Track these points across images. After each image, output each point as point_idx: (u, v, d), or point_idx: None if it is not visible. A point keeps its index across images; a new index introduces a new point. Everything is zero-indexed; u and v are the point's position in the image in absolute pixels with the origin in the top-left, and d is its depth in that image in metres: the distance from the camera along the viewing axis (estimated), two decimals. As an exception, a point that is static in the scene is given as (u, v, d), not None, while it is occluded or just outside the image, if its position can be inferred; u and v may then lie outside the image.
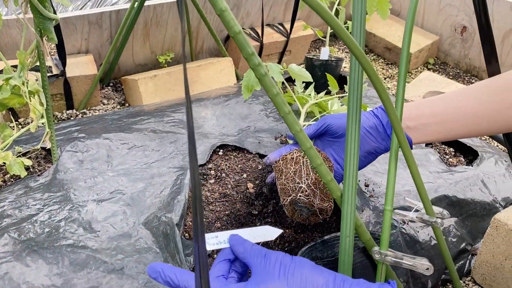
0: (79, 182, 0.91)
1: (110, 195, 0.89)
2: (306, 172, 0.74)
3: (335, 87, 1.14)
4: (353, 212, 0.58)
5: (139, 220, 0.84)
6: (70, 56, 1.32)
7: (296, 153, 0.78)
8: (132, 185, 0.92)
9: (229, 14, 0.49)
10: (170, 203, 0.88)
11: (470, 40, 1.73)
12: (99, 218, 0.83)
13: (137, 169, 0.96)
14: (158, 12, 1.38)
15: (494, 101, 0.70)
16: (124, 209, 0.86)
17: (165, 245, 0.79)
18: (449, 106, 0.74)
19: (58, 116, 1.31)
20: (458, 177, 1.02)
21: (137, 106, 1.29)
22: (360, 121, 0.58)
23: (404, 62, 0.62)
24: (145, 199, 0.89)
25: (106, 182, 0.92)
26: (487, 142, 1.32)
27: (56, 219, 0.82)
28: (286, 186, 0.75)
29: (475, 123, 0.72)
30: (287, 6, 1.67)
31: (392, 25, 1.88)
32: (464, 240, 0.93)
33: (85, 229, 0.81)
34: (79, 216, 0.83)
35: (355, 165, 0.58)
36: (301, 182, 0.73)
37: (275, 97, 0.55)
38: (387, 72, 1.78)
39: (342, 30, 0.47)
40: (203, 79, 1.40)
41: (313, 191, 0.73)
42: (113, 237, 0.80)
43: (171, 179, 0.94)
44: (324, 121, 0.81)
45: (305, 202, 0.73)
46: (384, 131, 0.77)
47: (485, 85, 0.73)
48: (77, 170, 0.94)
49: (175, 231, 0.80)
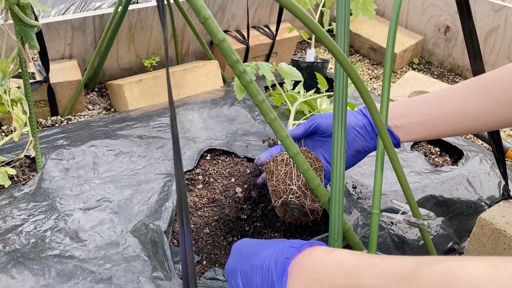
0: (65, 190, 0.90)
1: (97, 203, 0.88)
2: (297, 173, 0.75)
3: (324, 85, 1.15)
4: (341, 216, 0.58)
5: (127, 228, 0.83)
6: (54, 62, 1.30)
7: (286, 155, 0.78)
8: (119, 192, 0.91)
9: (213, 21, 0.48)
10: (158, 210, 0.87)
11: (453, 39, 1.75)
12: (86, 227, 0.82)
13: (124, 176, 0.95)
14: (142, 16, 1.37)
15: (477, 100, 0.71)
16: (111, 217, 0.85)
17: (154, 252, 0.79)
18: (434, 105, 0.75)
19: (43, 123, 1.29)
20: (444, 177, 1.03)
21: (123, 111, 1.28)
22: (345, 126, 0.58)
23: (389, 64, 0.63)
24: (132, 207, 0.88)
25: (93, 190, 0.91)
26: (472, 140, 1.34)
27: (42, 229, 0.81)
28: (277, 188, 0.76)
29: (459, 121, 0.73)
30: (272, 8, 1.68)
31: (376, 26, 1.90)
32: (451, 239, 0.94)
33: (71, 238, 0.79)
34: (66, 225, 0.82)
35: (341, 169, 0.59)
36: (292, 184, 0.74)
37: (261, 104, 0.54)
38: (373, 72, 1.79)
39: (326, 37, 0.48)
40: (189, 82, 1.39)
41: (303, 192, 0.74)
42: (101, 246, 0.79)
43: (158, 186, 0.93)
44: (313, 121, 0.82)
45: (296, 204, 0.74)
46: (373, 130, 0.77)
47: (469, 84, 0.74)
48: (62, 178, 0.92)
49: (163, 238, 0.80)
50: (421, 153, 1.16)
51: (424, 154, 1.16)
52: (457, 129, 0.75)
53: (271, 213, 0.92)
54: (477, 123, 0.73)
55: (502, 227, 0.84)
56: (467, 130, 0.75)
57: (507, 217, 0.86)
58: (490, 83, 0.71)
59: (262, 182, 0.90)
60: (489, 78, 0.72)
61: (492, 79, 0.72)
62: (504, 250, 0.84)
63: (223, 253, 0.85)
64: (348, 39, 0.60)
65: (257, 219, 0.90)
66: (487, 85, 0.71)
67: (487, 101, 0.71)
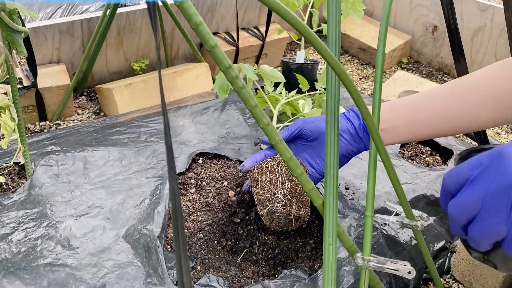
0: (56, 197, 0.89)
1: (88, 209, 0.87)
2: (282, 181, 0.74)
3: (306, 86, 1.15)
4: (335, 220, 0.58)
5: (119, 234, 0.82)
6: (42, 66, 1.29)
7: (270, 162, 0.77)
8: (111, 197, 0.90)
9: (205, 28, 0.48)
10: (150, 215, 0.87)
11: (441, 39, 1.77)
12: (77, 234, 0.81)
13: (115, 181, 0.95)
14: (131, 19, 1.36)
15: (459, 103, 0.72)
16: (103, 223, 0.84)
17: (147, 258, 0.78)
18: (418, 108, 0.75)
19: (31, 128, 1.27)
20: (435, 176, 1.04)
21: (113, 115, 1.27)
22: (338, 130, 0.58)
23: (380, 67, 0.63)
24: (124, 212, 0.87)
25: (84, 195, 0.90)
26: (461, 139, 1.35)
27: (32, 237, 0.79)
28: (262, 196, 0.75)
29: (443, 123, 0.74)
30: (262, 10, 1.67)
31: (365, 26, 1.91)
32: (443, 238, 0.95)
33: (63, 246, 0.79)
34: (57, 233, 0.81)
35: (335, 173, 0.59)
36: (277, 192, 0.73)
37: (254, 109, 0.54)
38: (362, 72, 1.80)
39: (318, 42, 0.48)
40: (180, 85, 1.39)
41: (289, 200, 0.74)
42: (93, 253, 0.78)
43: (150, 190, 0.93)
44: (296, 126, 0.81)
45: (282, 212, 0.74)
46: (356, 134, 0.77)
47: (453, 86, 0.74)
48: (52, 184, 0.91)
49: (157, 244, 0.79)
50: (412, 153, 1.17)
51: (415, 154, 1.17)
52: (442, 131, 0.75)
53: (264, 216, 0.92)
54: (458, 125, 0.73)
55: (493, 226, 0.85)
56: (452, 132, 0.76)
57: (498, 216, 0.86)
58: (475, 84, 0.72)
59: (247, 189, 0.90)
60: (474, 79, 0.72)
61: (477, 80, 0.72)
62: (495, 248, 0.85)
63: (217, 258, 0.85)
64: (339, 44, 0.60)
65: (250, 222, 0.90)
66: (472, 86, 0.72)
67: (471, 102, 0.71)
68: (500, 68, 0.70)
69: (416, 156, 1.17)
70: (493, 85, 0.69)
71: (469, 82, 0.73)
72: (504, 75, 0.69)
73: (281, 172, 0.75)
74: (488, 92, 0.69)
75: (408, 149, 1.18)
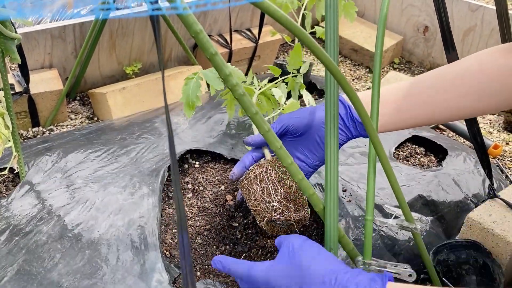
0: (47, 193, 0.88)
1: (80, 202, 0.86)
2: (274, 187, 0.72)
3: (277, 72, 1.10)
4: (336, 225, 0.58)
5: (114, 226, 0.82)
6: (34, 72, 1.27)
7: (258, 170, 0.75)
8: (103, 192, 0.89)
9: (205, 36, 0.48)
10: (148, 221, 0.86)
11: (432, 39, 1.78)
12: (70, 227, 0.80)
13: (110, 182, 0.94)
14: (123, 23, 1.35)
15: (449, 90, 0.71)
16: (96, 214, 0.84)
17: (142, 251, 0.78)
18: (405, 96, 0.74)
19: (24, 134, 1.26)
20: (430, 177, 1.04)
21: (107, 120, 1.26)
22: (337, 137, 0.58)
23: (377, 72, 0.63)
24: (122, 215, 0.87)
25: (77, 192, 0.89)
26: (454, 139, 1.36)
27: (26, 232, 0.79)
28: (258, 207, 0.73)
29: (431, 112, 0.73)
30: (254, 12, 1.67)
31: (357, 27, 1.92)
32: (440, 238, 0.96)
33: (56, 240, 0.78)
34: (48, 227, 0.80)
35: (335, 180, 0.59)
36: (272, 200, 0.71)
37: (254, 116, 0.54)
38: (355, 73, 1.81)
39: (317, 48, 0.48)
40: (174, 88, 1.38)
41: (285, 206, 0.72)
42: (87, 245, 0.77)
43: (146, 192, 0.92)
44: (281, 123, 0.79)
45: (281, 220, 0.72)
46: (344, 123, 0.76)
47: (441, 74, 0.74)
48: (44, 182, 0.90)
49: (156, 249, 0.79)
50: (406, 154, 1.18)
51: (410, 155, 1.18)
52: (429, 120, 0.75)
53: (262, 219, 0.92)
54: (448, 113, 0.73)
55: (489, 226, 0.86)
56: (438, 120, 0.76)
57: (494, 216, 0.87)
58: (461, 73, 0.72)
59: (241, 199, 0.89)
60: (462, 67, 0.72)
61: (464, 69, 0.72)
62: (492, 248, 0.86)
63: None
64: (337, 49, 0.60)
65: (248, 226, 0.90)
66: (460, 75, 0.72)
67: (457, 90, 0.71)
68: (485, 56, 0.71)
69: (411, 156, 1.18)
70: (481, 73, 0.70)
71: (458, 70, 0.72)
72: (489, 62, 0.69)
73: (270, 178, 0.73)
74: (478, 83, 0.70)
75: (402, 150, 1.19)
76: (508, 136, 1.42)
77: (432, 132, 1.25)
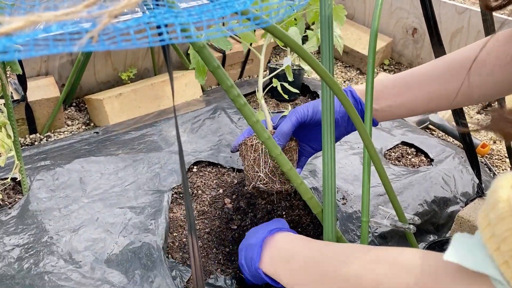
0: (54, 211, 0.89)
1: (87, 222, 0.88)
2: (264, 160, 0.78)
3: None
4: (334, 228, 0.61)
5: (121, 246, 0.84)
6: (30, 79, 1.28)
7: (255, 139, 0.80)
8: (109, 210, 0.91)
9: (208, 50, 0.51)
10: (151, 226, 0.88)
11: (421, 41, 1.83)
12: (79, 248, 0.82)
13: (112, 193, 0.96)
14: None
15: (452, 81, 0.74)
16: (104, 235, 0.86)
17: (151, 269, 0.80)
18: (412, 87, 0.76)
19: (21, 141, 1.27)
20: (421, 177, 1.08)
21: (104, 126, 1.27)
22: (334, 143, 0.61)
23: (370, 81, 0.66)
24: (125, 224, 0.89)
25: (82, 209, 0.91)
26: (443, 138, 1.40)
27: (33, 253, 0.80)
28: (248, 173, 0.80)
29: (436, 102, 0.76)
30: (246, 16, 1.70)
31: (347, 29, 1.95)
32: (431, 237, 0.99)
33: (66, 261, 0.80)
34: (58, 247, 0.82)
35: (333, 184, 0.62)
36: (260, 171, 0.77)
37: (255, 125, 0.57)
38: (346, 75, 1.84)
39: (318, 65, 0.50)
40: (169, 93, 1.40)
41: (271, 179, 0.77)
42: (96, 267, 0.79)
43: (148, 201, 0.94)
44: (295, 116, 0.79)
45: (264, 189, 0.78)
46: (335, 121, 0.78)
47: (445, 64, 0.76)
48: (50, 199, 0.92)
49: (160, 254, 0.81)
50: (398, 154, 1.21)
51: (401, 155, 1.21)
52: (432, 109, 0.79)
53: (261, 221, 0.95)
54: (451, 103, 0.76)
55: (478, 223, 0.90)
56: (440, 109, 0.80)
57: (483, 214, 0.91)
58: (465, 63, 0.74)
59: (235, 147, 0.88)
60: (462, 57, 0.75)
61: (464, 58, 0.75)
62: (481, 244, 0.89)
63: (216, 264, 0.88)
64: (332, 60, 0.63)
65: (247, 228, 0.92)
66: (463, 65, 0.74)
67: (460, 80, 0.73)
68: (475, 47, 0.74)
69: (402, 157, 1.21)
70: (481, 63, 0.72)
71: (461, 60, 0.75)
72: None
73: (263, 151, 0.78)
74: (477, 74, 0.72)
75: (394, 151, 1.23)
76: (495, 134, 1.46)
77: (422, 134, 1.28)
